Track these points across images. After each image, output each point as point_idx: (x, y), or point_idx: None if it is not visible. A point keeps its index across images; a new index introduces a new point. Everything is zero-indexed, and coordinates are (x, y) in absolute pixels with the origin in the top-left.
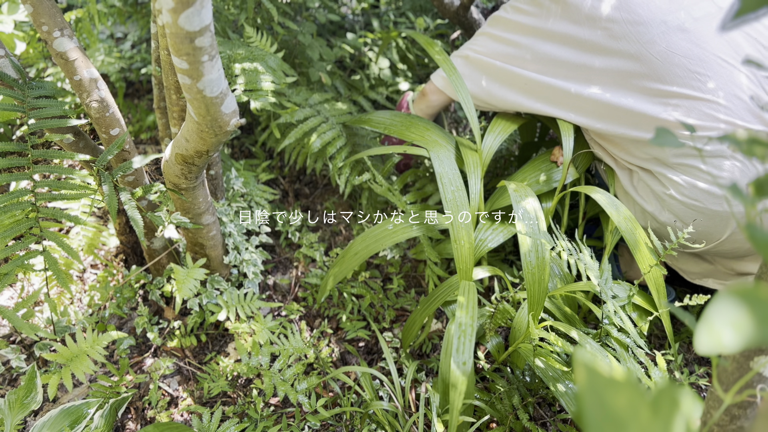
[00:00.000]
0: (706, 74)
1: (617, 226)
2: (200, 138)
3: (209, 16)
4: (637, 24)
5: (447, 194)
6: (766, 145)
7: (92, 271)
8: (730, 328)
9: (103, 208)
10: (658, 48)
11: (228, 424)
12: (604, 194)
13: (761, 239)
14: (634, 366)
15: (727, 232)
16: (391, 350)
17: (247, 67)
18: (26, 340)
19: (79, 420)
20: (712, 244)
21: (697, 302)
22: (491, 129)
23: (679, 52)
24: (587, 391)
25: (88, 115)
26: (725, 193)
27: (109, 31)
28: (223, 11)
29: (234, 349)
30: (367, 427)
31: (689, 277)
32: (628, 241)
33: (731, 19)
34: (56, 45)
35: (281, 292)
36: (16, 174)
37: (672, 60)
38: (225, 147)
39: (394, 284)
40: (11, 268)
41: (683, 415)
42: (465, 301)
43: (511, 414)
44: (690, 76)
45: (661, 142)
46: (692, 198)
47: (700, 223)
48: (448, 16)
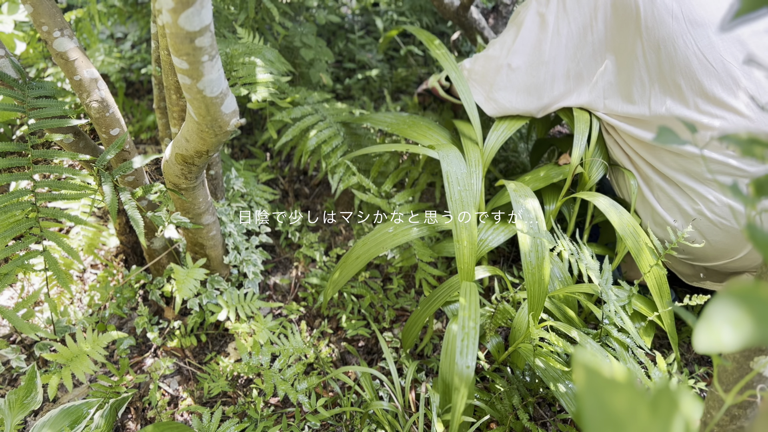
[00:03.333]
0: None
1: (618, 231)
2: (200, 138)
3: (209, 16)
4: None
5: (453, 194)
6: (765, 145)
7: (92, 271)
8: (730, 326)
9: (103, 208)
10: (716, 54)
11: (228, 424)
12: (606, 199)
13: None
14: (634, 366)
15: (744, 251)
16: (391, 350)
17: (246, 61)
18: (26, 340)
19: (79, 420)
20: (723, 261)
21: (698, 302)
22: (496, 126)
23: (735, 63)
24: (586, 391)
25: (88, 115)
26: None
27: (109, 31)
28: (223, 11)
29: (234, 349)
30: (367, 427)
31: (687, 280)
32: (630, 247)
33: (731, 19)
34: (56, 45)
35: (281, 292)
36: (16, 174)
37: (728, 69)
38: (225, 147)
39: (394, 284)
40: (11, 268)
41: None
42: (467, 302)
43: (511, 414)
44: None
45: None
46: (722, 216)
47: (720, 240)
48: (448, 16)
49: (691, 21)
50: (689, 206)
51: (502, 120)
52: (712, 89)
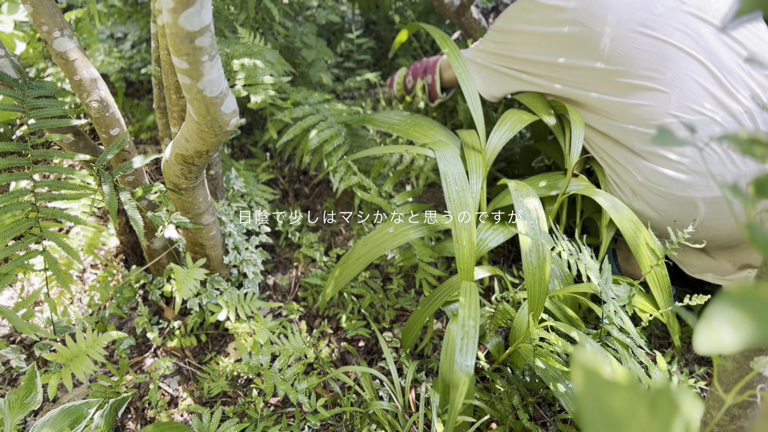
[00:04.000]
0: (667, 66)
1: (619, 228)
2: (200, 138)
3: (209, 16)
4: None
5: (451, 194)
6: (765, 145)
7: (92, 271)
8: (730, 327)
9: (103, 208)
10: (621, 44)
11: (228, 424)
12: (606, 196)
13: (761, 239)
14: (635, 366)
15: (697, 216)
16: (391, 350)
17: (246, 62)
18: (26, 340)
19: (79, 420)
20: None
21: (698, 302)
22: (498, 127)
23: (642, 47)
24: (585, 391)
25: (88, 115)
26: (690, 178)
27: (109, 31)
28: (223, 11)
29: (234, 349)
30: (367, 427)
31: (689, 271)
32: (630, 243)
33: (731, 19)
34: (56, 45)
35: (281, 292)
36: (16, 174)
37: (634, 55)
38: (225, 147)
39: (394, 284)
40: (11, 268)
41: (682, 416)
42: (467, 302)
43: (511, 414)
44: (650, 68)
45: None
46: (658, 184)
47: (669, 208)
48: (448, 16)
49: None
50: (633, 180)
51: (506, 119)
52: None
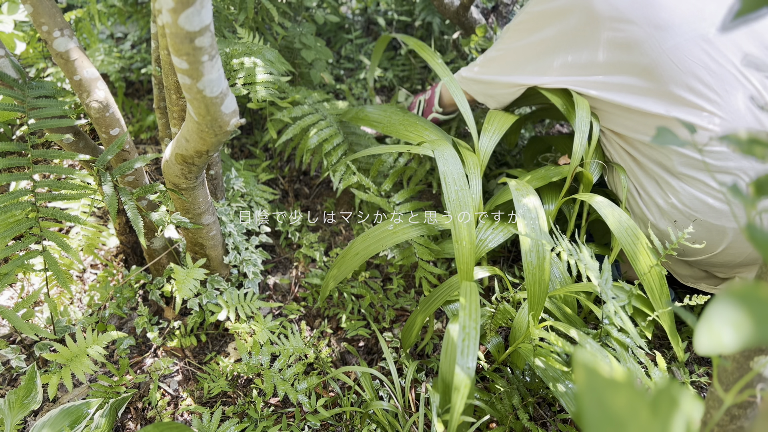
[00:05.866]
0: (721, 87)
1: (613, 231)
2: (200, 138)
3: (209, 16)
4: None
5: (450, 194)
6: (765, 145)
7: (92, 271)
8: (730, 327)
9: (103, 208)
10: (679, 55)
11: (228, 424)
12: (603, 199)
13: (761, 239)
14: (635, 366)
15: (722, 246)
16: (391, 350)
17: (246, 61)
18: (26, 340)
19: (79, 420)
20: (705, 255)
21: (697, 302)
22: (485, 129)
23: (699, 62)
24: (586, 391)
25: (88, 115)
26: (728, 208)
27: (109, 31)
28: (222, 11)
29: (234, 349)
30: (367, 427)
31: (682, 280)
32: (624, 246)
33: (731, 19)
34: (56, 45)
35: (281, 292)
36: (16, 174)
37: (690, 68)
38: (225, 147)
39: (394, 284)
40: (11, 268)
41: (683, 415)
42: (467, 302)
43: (511, 414)
44: (702, 87)
45: (661, 141)
46: (692, 209)
47: (697, 234)
48: (448, 16)
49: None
50: (663, 200)
51: (491, 122)
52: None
